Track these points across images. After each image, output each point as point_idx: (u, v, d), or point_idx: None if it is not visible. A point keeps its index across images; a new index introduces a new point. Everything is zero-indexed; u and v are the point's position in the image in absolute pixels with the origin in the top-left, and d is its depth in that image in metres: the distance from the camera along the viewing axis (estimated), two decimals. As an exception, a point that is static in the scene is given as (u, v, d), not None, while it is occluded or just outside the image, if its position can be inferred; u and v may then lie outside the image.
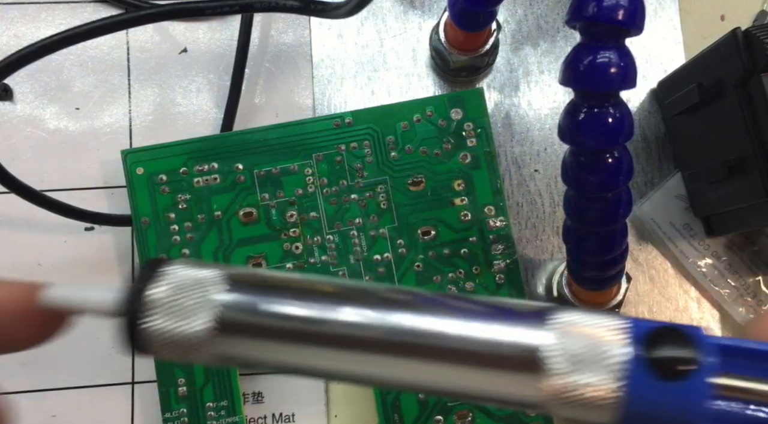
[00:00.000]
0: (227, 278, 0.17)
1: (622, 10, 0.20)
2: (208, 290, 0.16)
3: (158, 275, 0.17)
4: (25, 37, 0.34)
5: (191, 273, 0.17)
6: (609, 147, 0.23)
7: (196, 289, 0.16)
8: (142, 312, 0.16)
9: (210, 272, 0.17)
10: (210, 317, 0.16)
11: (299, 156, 0.31)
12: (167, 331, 0.16)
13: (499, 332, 0.16)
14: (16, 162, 0.33)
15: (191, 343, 0.16)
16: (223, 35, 0.34)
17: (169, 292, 0.16)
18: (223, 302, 0.16)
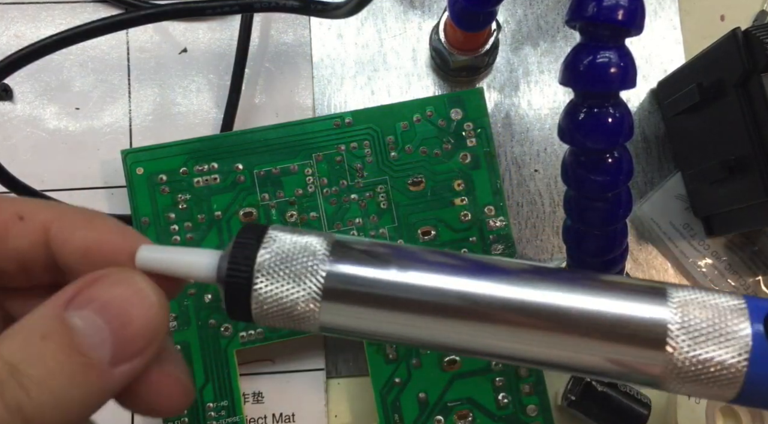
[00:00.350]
0: (331, 245, 0.17)
1: (622, 10, 0.20)
2: (314, 257, 0.16)
3: (265, 240, 0.16)
4: (25, 37, 0.34)
5: (296, 239, 0.17)
6: (609, 147, 0.23)
7: (302, 255, 0.16)
8: (251, 278, 0.16)
9: (315, 238, 0.17)
10: (316, 284, 0.16)
11: (299, 156, 0.31)
12: (275, 297, 0.16)
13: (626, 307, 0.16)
14: (16, 162, 0.33)
15: (298, 310, 0.16)
16: (223, 35, 0.34)
17: (277, 257, 0.16)
18: (328, 270, 0.16)
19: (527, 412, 0.30)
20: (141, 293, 0.16)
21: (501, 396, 0.30)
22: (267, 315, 0.16)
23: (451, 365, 0.30)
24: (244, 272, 0.16)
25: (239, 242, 0.17)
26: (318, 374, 0.32)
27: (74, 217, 0.17)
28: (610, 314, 0.16)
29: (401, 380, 0.30)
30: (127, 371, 0.16)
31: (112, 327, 0.15)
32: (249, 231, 0.17)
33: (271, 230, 0.17)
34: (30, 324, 0.15)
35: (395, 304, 0.16)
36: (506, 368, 0.30)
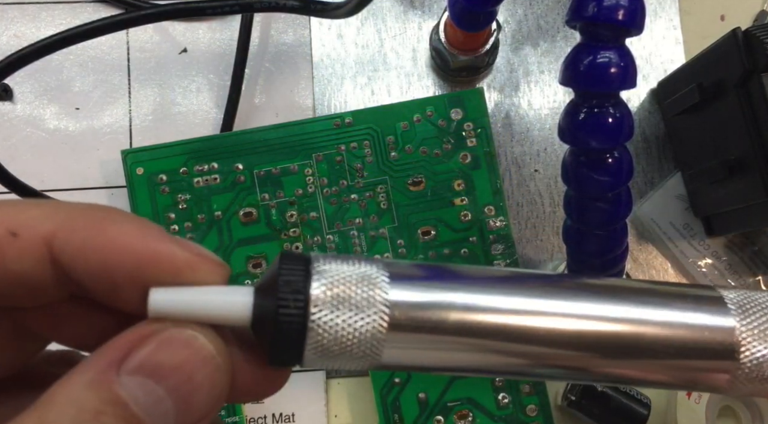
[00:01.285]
0: (388, 272, 0.15)
1: (622, 10, 0.20)
2: (375, 286, 0.15)
3: (313, 270, 0.14)
4: (25, 37, 0.34)
5: (349, 268, 0.15)
6: (609, 147, 0.23)
7: (361, 285, 0.14)
8: (306, 314, 0.14)
9: (369, 266, 0.15)
10: (381, 316, 0.14)
11: (299, 156, 0.31)
12: (334, 335, 0.14)
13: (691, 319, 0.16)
14: (16, 162, 0.32)
15: (361, 347, 0.14)
16: (223, 35, 0.34)
17: (333, 289, 0.14)
18: (393, 299, 0.14)
19: (527, 412, 0.30)
20: (204, 355, 0.14)
21: (501, 396, 0.30)
22: (323, 355, 0.14)
23: (451, 365, 0.30)
24: (299, 309, 0.14)
25: (286, 273, 0.14)
26: (318, 374, 0.32)
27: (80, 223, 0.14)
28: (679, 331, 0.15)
29: (401, 380, 0.30)
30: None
31: (176, 397, 0.13)
32: (292, 261, 0.15)
33: (318, 261, 0.15)
34: (77, 396, 0.13)
35: (469, 330, 0.15)
36: (506, 368, 0.30)
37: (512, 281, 0.16)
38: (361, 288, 0.14)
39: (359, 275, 0.15)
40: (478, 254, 0.31)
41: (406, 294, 0.15)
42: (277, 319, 0.14)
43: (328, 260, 0.15)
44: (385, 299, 0.14)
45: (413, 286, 0.15)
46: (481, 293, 0.15)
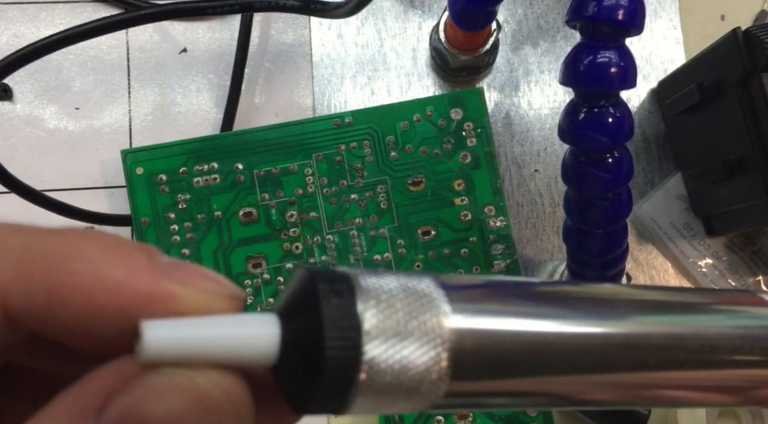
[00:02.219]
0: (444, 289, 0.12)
1: (622, 10, 0.20)
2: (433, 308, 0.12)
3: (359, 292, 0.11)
4: (24, 37, 0.34)
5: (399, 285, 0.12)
6: (609, 147, 0.23)
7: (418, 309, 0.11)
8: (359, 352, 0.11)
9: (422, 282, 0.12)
10: (443, 348, 0.11)
11: (299, 156, 0.31)
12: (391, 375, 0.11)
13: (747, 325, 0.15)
14: (15, 162, 0.32)
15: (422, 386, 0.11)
16: (223, 35, 0.34)
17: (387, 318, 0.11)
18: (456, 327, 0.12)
19: (527, 412, 0.30)
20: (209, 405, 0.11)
21: (501, 396, 0.30)
22: (373, 401, 0.11)
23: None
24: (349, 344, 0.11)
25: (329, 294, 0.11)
26: (318, 374, 0.31)
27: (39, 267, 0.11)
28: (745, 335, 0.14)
29: (401, 380, 0.30)
30: None
31: None
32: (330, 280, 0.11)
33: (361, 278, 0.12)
34: None
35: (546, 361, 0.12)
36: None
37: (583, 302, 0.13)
38: (418, 312, 0.11)
39: (412, 295, 0.12)
40: (478, 254, 0.31)
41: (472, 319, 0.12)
42: (324, 357, 0.11)
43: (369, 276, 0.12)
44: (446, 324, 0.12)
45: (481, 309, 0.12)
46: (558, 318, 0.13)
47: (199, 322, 0.11)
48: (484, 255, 0.31)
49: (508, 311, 0.12)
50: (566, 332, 0.12)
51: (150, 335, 0.11)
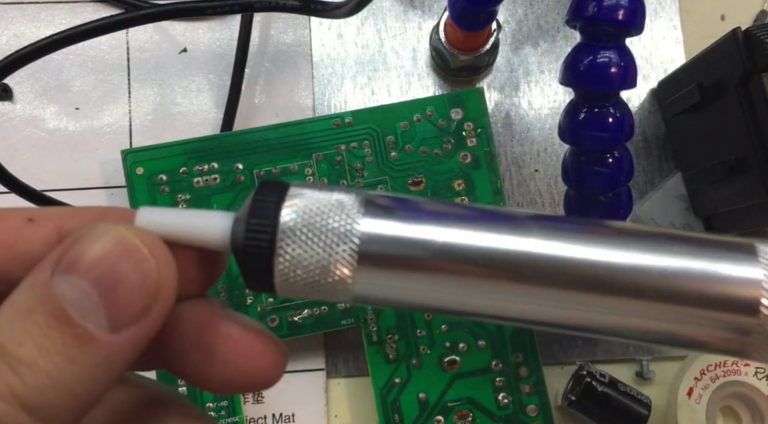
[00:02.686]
0: (364, 202, 0.14)
1: (622, 10, 0.20)
2: (347, 216, 0.14)
3: (287, 197, 0.14)
4: (24, 37, 0.34)
5: (324, 196, 0.14)
6: (609, 147, 0.23)
7: (333, 215, 0.14)
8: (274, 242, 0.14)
9: (345, 195, 0.14)
10: (351, 248, 0.14)
11: (299, 156, 0.31)
12: (303, 264, 0.14)
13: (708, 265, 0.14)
14: (15, 162, 0.32)
15: (329, 279, 0.14)
16: (223, 35, 0.34)
17: (303, 218, 0.14)
18: (364, 231, 0.14)
19: (527, 412, 0.30)
20: (127, 245, 0.14)
21: (501, 396, 0.30)
22: (293, 285, 0.14)
23: (451, 366, 0.30)
24: (267, 236, 0.14)
25: (259, 200, 0.14)
26: (318, 374, 0.32)
27: (87, 214, 0.15)
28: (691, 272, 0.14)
29: (401, 380, 0.30)
30: (133, 337, 0.13)
31: (101, 289, 0.13)
32: (269, 188, 0.14)
33: (294, 187, 0.15)
34: (14, 298, 0.13)
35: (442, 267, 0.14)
36: (506, 369, 0.30)
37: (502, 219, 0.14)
38: (333, 217, 0.14)
39: (333, 203, 0.14)
40: (478, 254, 0.31)
41: (381, 226, 0.14)
42: (245, 246, 0.14)
43: (305, 187, 0.15)
44: (357, 229, 0.14)
45: (390, 218, 0.14)
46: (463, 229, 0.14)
47: (179, 212, 0.15)
48: (484, 255, 0.31)
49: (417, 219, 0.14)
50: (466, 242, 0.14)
51: (141, 215, 0.15)
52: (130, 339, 0.13)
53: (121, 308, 0.13)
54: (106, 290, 0.13)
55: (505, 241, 0.14)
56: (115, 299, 0.13)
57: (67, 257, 0.14)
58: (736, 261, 0.14)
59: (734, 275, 0.14)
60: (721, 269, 0.14)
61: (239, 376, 0.15)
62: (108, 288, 0.13)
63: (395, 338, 0.30)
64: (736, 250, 0.14)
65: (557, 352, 0.32)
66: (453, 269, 0.14)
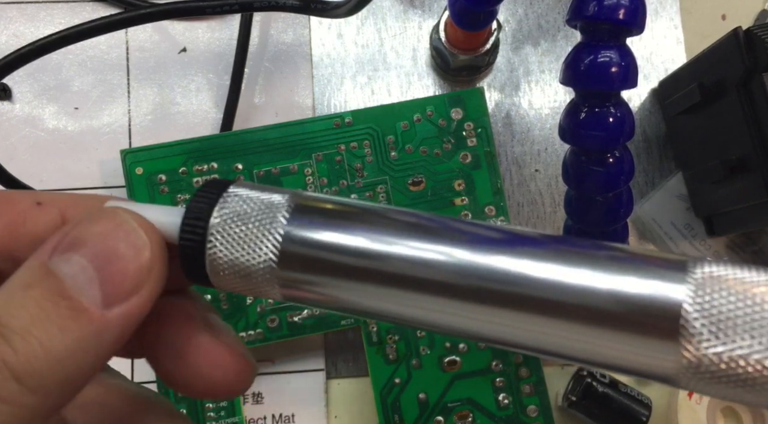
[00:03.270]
0: (294, 203, 0.15)
1: (623, 10, 0.20)
2: (273, 217, 0.15)
3: (222, 198, 0.15)
4: (24, 37, 0.34)
5: (256, 196, 0.15)
6: (610, 147, 0.22)
7: (260, 215, 0.15)
8: (204, 240, 0.15)
9: (277, 195, 0.15)
10: (272, 249, 0.14)
11: (299, 156, 0.31)
12: (230, 262, 0.15)
13: (629, 284, 0.13)
14: (14, 162, 0.32)
15: (255, 277, 0.15)
16: (222, 35, 0.34)
17: (232, 217, 0.15)
18: (287, 231, 0.14)
19: (528, 412, 0.30)
20: (125, 226, 0.15)
21: (501, 397, 0.30)
22: (224, 281, 0.15)
23: (451, 366, 0.30)
24: (198, 234, 0.15)
25: (195, 200, 0.15)
26: (318, 375, 0.31)
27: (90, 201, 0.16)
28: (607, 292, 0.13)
29: (401, 380, 0.30)
30: (124, 313, 0.14)
31: (97, 265, 0.14)
32: (208, 187, 0.15)
33: (232, 187, 0.15)
34: (15, 276, 0.14)
35: (360, 274, 0.14)
36: (506, 369, 0.30)
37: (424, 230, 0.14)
38: (260, 218, 0.15)
39: (264, 203, 0.15)
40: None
41: (304, 228, 0.14)
42: (180, 244, 0.15)
43: (243, 187, 0.15)
44: (279, 230, 0.14)
45: (316, 220, 0.15)
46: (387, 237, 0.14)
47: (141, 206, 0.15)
48: (485, 255, 0.31)
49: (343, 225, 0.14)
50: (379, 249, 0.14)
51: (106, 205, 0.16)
52: (120, 316, 0.14)
53: (114, 283, 0.14)
54: (102, 265, 0.14)
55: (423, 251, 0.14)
56: (110, 274, 0.14)
57: (68, 239, 0.14)
58: (661, 280, 0.13)
59: (657, 295, 0.13)
60: (644, 288, 0.13)
61: (203, 384, 0.16)
62: (104, 263, 0.14)
63: (395, 339, 0.30)
64: (665, 268, 0.13)
65: (557, 352, 0.32)
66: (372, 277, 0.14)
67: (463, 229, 0.14)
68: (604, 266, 0.13)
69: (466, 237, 0.14)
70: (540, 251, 0.14)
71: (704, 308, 0.12)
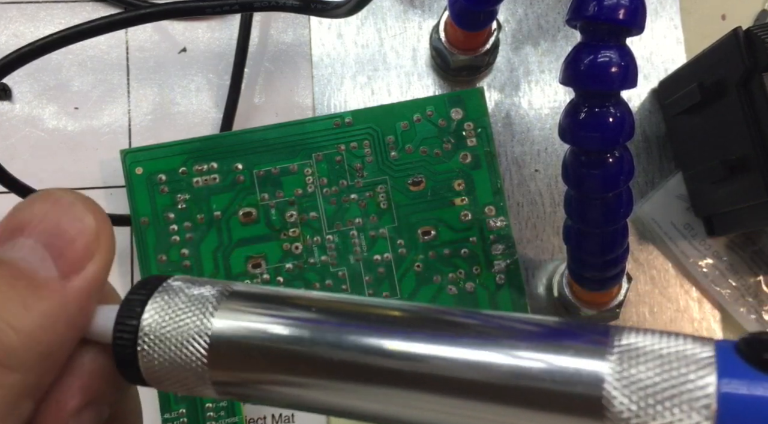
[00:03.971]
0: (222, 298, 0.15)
1: (622, 9, 0.20)
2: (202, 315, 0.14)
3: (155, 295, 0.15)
4: (24, 36, 0.34)
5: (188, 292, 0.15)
6: (610, 147, 0.22)
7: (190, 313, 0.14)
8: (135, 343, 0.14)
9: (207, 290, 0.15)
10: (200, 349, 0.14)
11: (299, 156, 0.31)
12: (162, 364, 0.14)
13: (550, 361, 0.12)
14: (15, 162, 0.32)
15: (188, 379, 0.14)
16: (222, 35, 0.34)
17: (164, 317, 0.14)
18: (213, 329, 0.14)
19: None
20: (62, 200, 0.15)
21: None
22: (159, 381, 0.15)
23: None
24: (129, 336, 0.14)
25: (128, 300, 0.15)
26: (318, 375, 0.31)
27: None
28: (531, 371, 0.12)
29: (401, 380, 0.30)
30: (86, 281, 0.14)
31: (46, 243, 0.14)
32: (142, 285, 0.15)
33: (168, 282, 0.15)
34: None
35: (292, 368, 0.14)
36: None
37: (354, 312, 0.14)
38: (189, 314, 0.14)
39: (195, 298, 0.15)
40: (479, 254, 0.31)
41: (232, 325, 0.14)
42: (113, 344, 0.15)
43: (177, 281, 0.15)
44: (206, 328, 0.14)
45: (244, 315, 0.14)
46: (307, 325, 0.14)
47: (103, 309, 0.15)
48: (484, 255, 0.31)
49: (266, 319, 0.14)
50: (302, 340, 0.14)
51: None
52: (81, 284, 0.14)
53: (66, 255, 0.14)
54: (50, 241, 0.14)
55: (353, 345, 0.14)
56: (60, 249, 0.14)
57: (9, 226, 0.15)
58: (582, 354, 0.12)
59: (580, 369, 0.12)
60: (564, 363, 0.12)
61: None
62: (51, 240, 0.14)
63: (395, 339, 0.30)
64: (586, 342, 0.12)
65: (557, 352, 0.32)
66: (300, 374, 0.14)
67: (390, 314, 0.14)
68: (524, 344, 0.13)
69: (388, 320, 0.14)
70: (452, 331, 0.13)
71: (625, 385, 0.12)
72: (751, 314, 0.33)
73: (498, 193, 0.31)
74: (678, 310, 0.33)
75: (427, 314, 0.14)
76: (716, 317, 0.33)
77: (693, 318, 0.33)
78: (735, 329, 0.33)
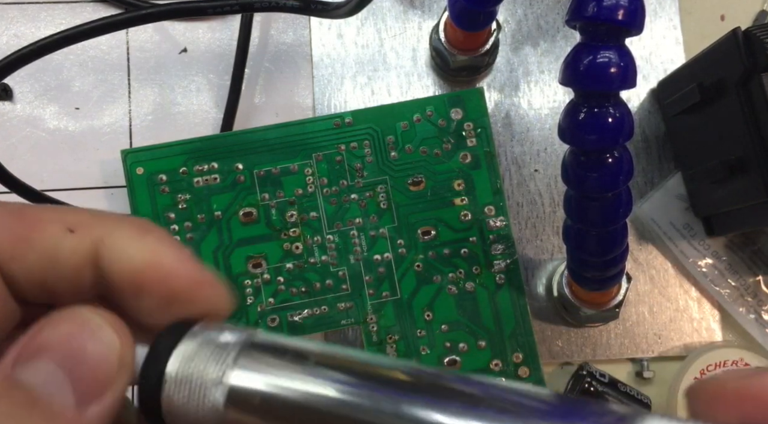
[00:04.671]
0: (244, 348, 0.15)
1: (622, 10, 0.20)
2: (221, 365, 0.15)
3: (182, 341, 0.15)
4: (24, 37, 0.34)
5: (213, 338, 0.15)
6: (609, 147, 0.23)
7: (212, 361, 0.15)
8: (159, 388, 0.15)
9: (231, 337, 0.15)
10: (221, 396, 0.14)
11: (299, 156, 0.31)
12: (183, 412, 0.15)
13: None
14: (15, 162, 0.32)
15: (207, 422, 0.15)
16: (223, 35, 0.34)
17: (187, 364, 0.15)
18: (234, 382, 0.14)
19: None
20: (89, 325, 0.14)
21: (501, 396, 0.30)
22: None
23: (451, 365, 0.30)
24: (153, 381, 0.15)
25: (155, 345, 0.15)
26: (318, 374, 0.31)
27: (127, 232, 0.16)
28: None
29: (401, 380, 0.30)
30: (103, 409, 0.14)
31: (66, 368, 0.14)
32: (169, 331, 0.15)
33: (196, 327, 0.15)
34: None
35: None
36: (505, 369, 0.30)
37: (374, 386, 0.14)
38: (210, 364, 0.15)
39: (218, 346, 0.15)
40: (478, 254, 0.31)
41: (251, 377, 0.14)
42: (139, 391, 0.15)
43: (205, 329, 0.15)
44: (226, 380, 0.14)
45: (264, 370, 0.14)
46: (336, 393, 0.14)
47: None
48: (484, 255, 0.31)
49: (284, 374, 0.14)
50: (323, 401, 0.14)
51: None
52: (99, 412, 0.14)
53: (87, 383, 0.14)
54: (71, 367, 0.14)
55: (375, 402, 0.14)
56: (81, 375, 0.14)
57: (32, 345, 0.14)
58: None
59: None
60: None
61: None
62: (73, 365, 0.14)
63: (395, 338, 0.30)
64: None
65: (557, 352, 0.32)
66: None
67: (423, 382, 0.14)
68: None
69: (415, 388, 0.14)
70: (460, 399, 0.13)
71: None
72: (750, 314, 0.33)
73: (498, 193, 0.31)
74: (677, 309, 0.33)
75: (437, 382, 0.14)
76: (715, 317, 0.33)
77: (692, 318, 0.33)
78: (734, 328, 0.33)
